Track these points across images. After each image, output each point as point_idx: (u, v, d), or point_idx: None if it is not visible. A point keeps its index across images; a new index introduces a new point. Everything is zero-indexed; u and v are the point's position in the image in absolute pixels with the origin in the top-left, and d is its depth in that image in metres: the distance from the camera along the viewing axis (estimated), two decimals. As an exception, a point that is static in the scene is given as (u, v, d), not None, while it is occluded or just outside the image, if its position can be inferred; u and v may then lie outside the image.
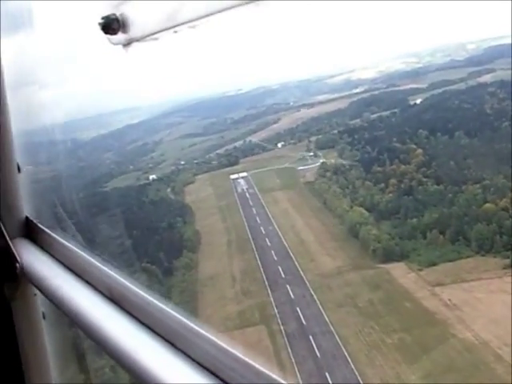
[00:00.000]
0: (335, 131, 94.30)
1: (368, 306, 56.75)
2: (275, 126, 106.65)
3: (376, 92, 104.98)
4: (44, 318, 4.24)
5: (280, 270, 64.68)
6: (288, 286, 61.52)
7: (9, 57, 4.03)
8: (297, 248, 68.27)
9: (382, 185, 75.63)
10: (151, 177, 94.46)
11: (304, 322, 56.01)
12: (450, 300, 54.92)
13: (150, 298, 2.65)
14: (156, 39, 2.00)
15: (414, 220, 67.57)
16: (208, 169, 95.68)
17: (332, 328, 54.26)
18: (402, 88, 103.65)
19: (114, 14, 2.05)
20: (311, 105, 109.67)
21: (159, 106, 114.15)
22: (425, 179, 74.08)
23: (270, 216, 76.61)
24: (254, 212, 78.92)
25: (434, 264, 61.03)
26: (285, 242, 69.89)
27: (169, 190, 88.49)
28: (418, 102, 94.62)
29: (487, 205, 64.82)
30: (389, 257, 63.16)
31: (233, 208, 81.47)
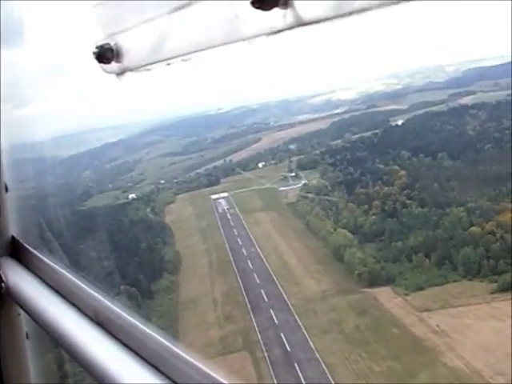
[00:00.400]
0: (317, 151, 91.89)
1: (354, 332, 54.33)
2: (256, 145, 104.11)
3: (357, 113, 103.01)
4: (27, 337, 4.14)
5: (263, 293, 62.09)
6: (271, 311, 58.96)
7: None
8: (280, 271, 65.70)
9: (366, 206, 73.38)
10: (130, 196, 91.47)
11: (289, 348, 53.41)
12: (438, 326, 52.68)
13: (135, 322, 2.60)
14: (149, 70, 1.97)
15: (399, 243, 65.37)
16: (188, 188, 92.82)
17: (318, 355, 51.72)
18: (382, 109, 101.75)
19: (109, 44, 2.01)
20: (291, 125, 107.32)
21: (139, 125, 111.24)
22: (409, 201, 72.05)
23: (251, 237, 73.94)
24: (236, 233, 76.17)
25: (421, 288, 58.82)
26: (267, 265, 67.29)
27: (148, 209, 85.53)
28: (400, 123, 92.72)
29: (473, 228, 62.87)
30: (374, 281, 60.90)
31: (214, 229, 78.69)
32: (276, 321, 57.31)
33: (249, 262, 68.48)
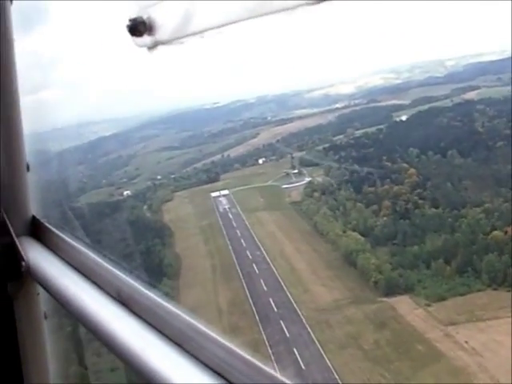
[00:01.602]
0: (319, 148, 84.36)
1: (375, 348, 47.10)
2: (254, 140, 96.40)
3: (357, 108, 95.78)
4: (45, 317, 3.96)
5: (271, 302, 54.64)
6: (282, 322, 51.55)
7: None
8: (288, 277, 58.27)
9: (375, 207, 66.09)
10: (125, 192, 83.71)
11: (303, 366, 46.07)
12: (466, 343, 45.51)
13: (159, 300, 2.51)
14: (182, 43, 1.90)
15: (415, 247, 58.06)
16: (187, 185, 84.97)
17: (336, 375, 44.44)
18: (383, 104, 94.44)
19: (142, 17, 1.96)
20: (290, 119, 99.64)
21: (134, 118, 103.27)
22: (421, 201, 64.77)
23: (255, 239, 66.32)
24: (239, 234, 68.52)
25: (443, 298, 51.62)
26: (274, 270, 59.79)
27: (145, 207, 77.79)
28: (404, 118, 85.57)
29: (495, 232, 55.69)
30: (392, 289, 53.72)
31: (215, 229, 71.00)
32: (287, 334, 49.96)
33: (254, 266, 60.99)
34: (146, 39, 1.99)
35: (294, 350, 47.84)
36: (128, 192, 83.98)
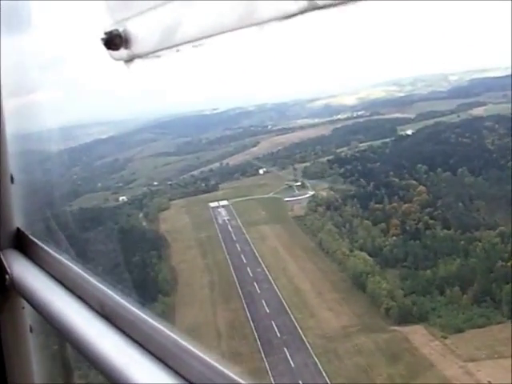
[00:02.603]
0: (323, 159, 78.71)
1: (389, 384, 41.46)
2: (254, 149, 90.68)
3: (360, 120, 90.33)
4: (31, 331, 3.76)
5: (274, 326, 48.90)
6: (286, 350, 45.83)
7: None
8: (292, 298, 52.58)
9: (383, 225, 60.51)
10: (121, 198, 77.97)
11: (310, 402, 40.54)
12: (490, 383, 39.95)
13: (142, 315, 2.42)
14: (158, 56, 1.83)
15: (428, 272, 52.50)
16: (184, 194, 78.99)
17: (347, 416, 38.92)
18: (387, 117, 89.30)
19: (117, 30, 1.87)
20: (291, 129, 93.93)
21: (131, 121, 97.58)
22: (431, 221, 59.25)
23: (257, 255, 60.47)
24: (239, 249, 62.60)
25: (460, 330, 46.07)
26: (277, 290, 54.07)
27: (141, 215, 71.91)
28: (409, 132, 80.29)
29: (515, 259, 50.18)
30: (404, 317, 48.08)
31: (214, 242, 65.00)
32: (292, 363, 44.26)
33: (255, 285, 55.23)
34: (123, 52, 1.89)
35: (300, 383, 42.29)
36: (124, 198, 78.40)
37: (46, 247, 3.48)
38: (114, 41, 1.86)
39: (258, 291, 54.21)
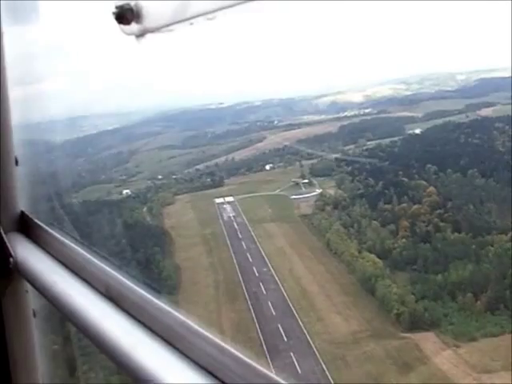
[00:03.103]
0: (331, 157, 76.02)
1: (400, 396, 39.00)
2: (260, 144, 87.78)
3: (368, 117, 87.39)
4: (34, 315, 3.72)
5: (280, 329, 46.43)
6: (292, 355, 43.37)
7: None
8: (299, 301, 50.07)
9: (392, 226, 57.95)
10: (125, 191, 75.42)
11: (318, 412, 38.06)
12: (506, 397, 37.49)
13: (148, 296, 2.40)
14: (171, 31, 1.79)
15: (439, 276, 49.96)
16: (189, 188, 76.30)
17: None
18: (394, 115, 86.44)
19: (129, 4, 1.84)
20: (298, 125, 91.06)
21: (137, 113, 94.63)
22: (442, 224, 56.68)
23: (263, 254, 57.89)
24: (244, 247, 60.02)
25: (473, 339, 43.59)
26: (283, 291, 51.56)
27: (145, 210, 69.28)
28: (418, 131, 77.57)
29: (529, 265, 47.66)
30: (415, 324, 45.60)
31: (219, 239, 62.41)
32: (299, 370, 41.81)
33: (261, 286, 52.71)
34: (134, 27, 1.84)
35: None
36: (127, 191, 75.87)
37: (50, 230, 3.39)
38: (125, 15, 1.79)
39: (264, 292, 51.73)
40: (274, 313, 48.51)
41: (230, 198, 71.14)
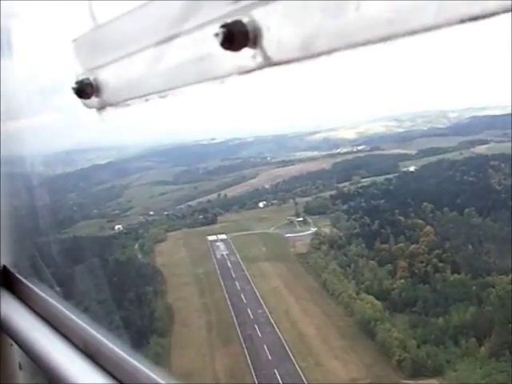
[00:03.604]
0: (326, 195, 73.75)
1: None
2: (253, 181, 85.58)
3: (361, 154, 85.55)
4: (20, 368, 3.65)
5: (277, 375, 43.58)
6: (291, 404, 40.55)
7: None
8: (295, 344, 47.24)
9: (389, 266, 55.53)
10: (117, 227, 72.79)
11: None
12: None
13: (124, 355, 2.39)
14: (128, 105, 1.84)
15: (440, 319, 47.41)
16: (181, 225, 73.61)
17: None
18: (388, 152, 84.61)
19: (88, 79, 1.88)
20: (291, 162, 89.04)
21: (129, 148, 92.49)
22: (440, 264, 54.35)
23: (257, 295, 55.13)
24: (238, 287, 57.22)
25: (480, 387, 40.78)
26: (279, 334, 48.73)
27: (137, 246, 66.54)
28: (412, 169, 75.65)
29: (535, 311, 45.16)
30: (417, 370, 42.83)
31: (212, 278, 59.56)
32: (298, 420, 38.98)
33: (256, 328, 49.89)
34: (94, 101, 1.89)
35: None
36: (119, 226, 73.23)
37: (31, 285, 3.38)
38: (85, 90, 1.83)
39: (260, 335, 48.90)
40: (269, 357, 45.66)
41: (223, 236, 68.45)
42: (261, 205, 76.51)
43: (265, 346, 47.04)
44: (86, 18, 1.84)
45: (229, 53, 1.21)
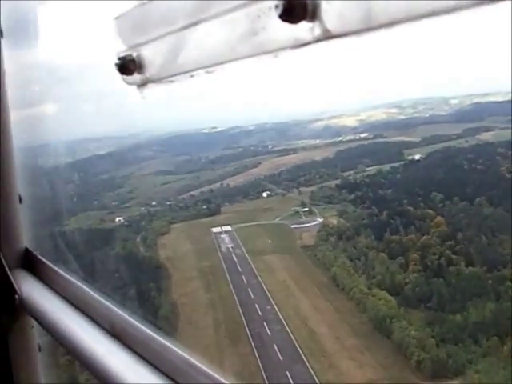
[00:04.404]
0: (331, 184, 69.80)
1: None
2: (255, 170, 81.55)
3: (365, 142, 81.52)
4: (40, 350, 3.54)
5: (289, 377, 39.89)
6: (304, 409, 36.86)
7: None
8: (307, 343, 43.47)
9: (401, 259, 51.77)
10: (118, 219, 68.84)
11: None
12: None
13: (152, 334, 2.29)
14: (171, 81, 1.74)
15: (458, 316, 43.68)
16: (185, 217, 69.56)
17: None
18: (391, 140, 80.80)
19: (131, 55, 1.79)
20: (293, 150, 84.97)
21: (130, 138, 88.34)
22: (454, 257, 50.58)
23: (265, 290, 51.33)
24: (245, 282, 53.39)
25: (505, 390, 37.14)
26: (290, 332, 44.99)
27: (139, 239, 62.64)
28: (417, 157, 71.77)
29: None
30: (438, 371, 39.16)
31: (217, 272, 55.68)
32: (313, 427, 35.32)
33: (265, 326, 46.13)
34: (136, 77, 1.81)
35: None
36: (120, 218, 69.24)
37: (54, 267, 3.33)
38: (127, 66, 1.77)
39: (269, 333, 45.16)
40: (280, 357, 41.93)
41: (228, 228, 64.47)
42: (264, 195, 72.57)
43: (275, 346, 43.33)
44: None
45: (285, 26, 1.17)
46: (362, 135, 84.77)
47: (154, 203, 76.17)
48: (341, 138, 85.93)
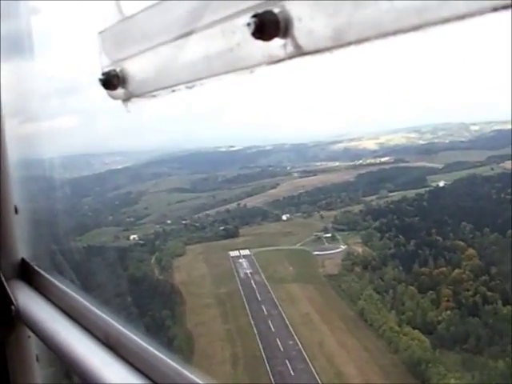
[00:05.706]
0: (354, 209, 64.36)
1: None
2: (273, 191, 76.25)
3: (386, 166, 76.13)
4: (37, 360, 3.44)
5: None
6: None
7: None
8: (334, 386, 37.89)
9: (432, 294, 46.23)
10: (132, 237, 63.91)
11: None
12: None
13: (146, 345, 2.25)
14: (154, 96, 1.76)
15: (501, 363, 38.01)
16: (201, 238, 64.14)
17: None
18: (414, 165, 75.45)
19: (115, 70, 1.81)
20: (313, 172, 79.60)
21: (147, 153, 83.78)
22: (489, 293, 45.00)
23: (287, 322, 45.77)
24: (265, 312, 47.84)
25: None
26: (315, 373, 39.38)
27: (153, 260, 57.42)
28: (442, 183, 66.27)
29: None
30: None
31: (235, 301, 50.10)
32: None
33: (288, 364, 40.54)
34: (120, 92, 1.83)
35: None
36: (135, 236, 64.30)
37: (50, 277, 3.25)
38: (111, 81, 1.78)
39: (292, 373, 39.62)
40: (305, 403, 36.37)
41: (246, 252, 58.99)
42: (284, 217, 67.08)
43: (299, 388, 37.76)
44: (108, 12, 1.74)
45: (259, 42, 1.17)
46: (383, 159, 79.40)
47: (169, 221, 71.22)
48: (361, 161, 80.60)
